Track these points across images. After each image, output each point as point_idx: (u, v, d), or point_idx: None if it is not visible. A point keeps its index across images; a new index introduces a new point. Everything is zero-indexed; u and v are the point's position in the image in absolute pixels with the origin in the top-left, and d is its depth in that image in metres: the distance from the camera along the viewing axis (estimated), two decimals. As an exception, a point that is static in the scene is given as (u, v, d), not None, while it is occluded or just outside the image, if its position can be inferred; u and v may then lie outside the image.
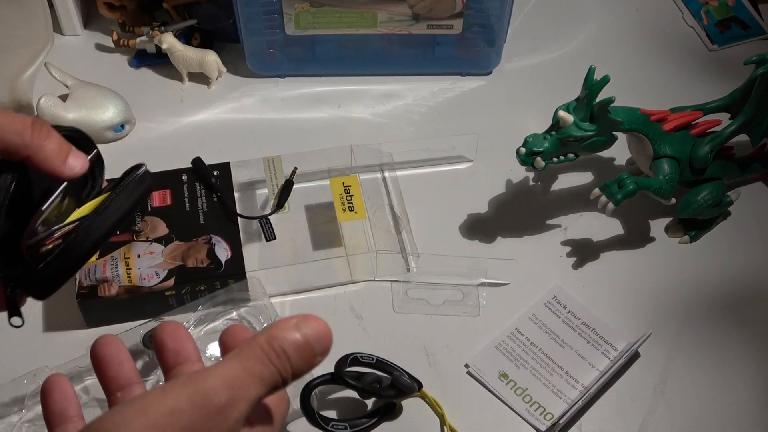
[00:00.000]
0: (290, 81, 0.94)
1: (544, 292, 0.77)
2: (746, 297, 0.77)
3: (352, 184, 0.81)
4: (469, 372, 0.72)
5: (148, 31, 0.92)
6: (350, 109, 0.92)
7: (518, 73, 0.96)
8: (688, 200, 0.78)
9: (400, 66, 0.94)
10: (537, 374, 0.71)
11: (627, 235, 0.81)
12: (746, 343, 0.74)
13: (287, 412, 0.36)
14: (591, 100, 0.72)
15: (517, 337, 0.74)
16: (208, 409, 0.36)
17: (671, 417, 0.69)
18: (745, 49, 0.98)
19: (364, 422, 0.68)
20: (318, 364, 0.39)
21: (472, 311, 0.75)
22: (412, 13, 0.88)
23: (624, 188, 0.72)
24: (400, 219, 0.81)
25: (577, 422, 0.69)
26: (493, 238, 0.81)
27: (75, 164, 0.44)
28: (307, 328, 0.38)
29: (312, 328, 0.38)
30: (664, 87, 0.93)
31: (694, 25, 1.01)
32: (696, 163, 0.76)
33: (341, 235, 0.78)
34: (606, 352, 0.73)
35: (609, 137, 0.74)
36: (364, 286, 0.77)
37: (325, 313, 0.75)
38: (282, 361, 0.38)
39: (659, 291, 0.77)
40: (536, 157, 0.72)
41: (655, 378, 0.71)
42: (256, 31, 0.89)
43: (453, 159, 0.87)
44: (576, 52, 0.98)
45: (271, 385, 0.38)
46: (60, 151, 0.44)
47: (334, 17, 0.88)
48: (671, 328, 0.75)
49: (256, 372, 0.37)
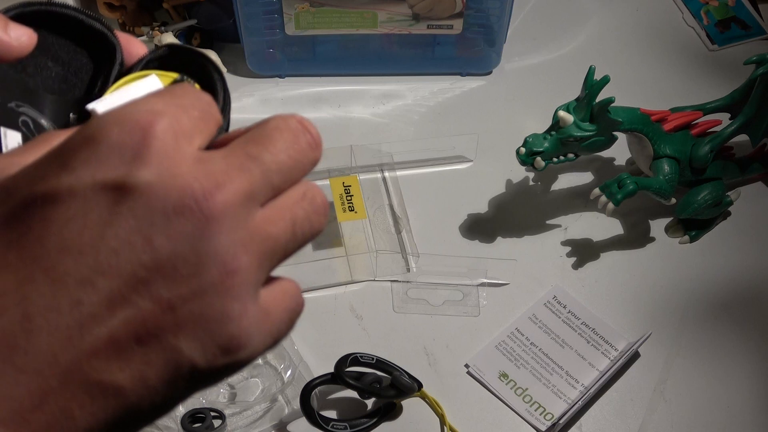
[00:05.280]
0: (290, 81, 0.94)
1: (544, 292, 0.77)
2: (746, 297, 0.77)
3: (352, 184, 0.81)
4: (469, 372, 0.72)
5: (148, 31, 0.91)
6: (350, 109, 0.92)
7: (518, 73, 0.96)
8: (688, 200, 0.77)
9: (400, 66, 0.94)
10: (537, 374, 0.71)
11: (627, 235, 0.81)
12: (746, 343, 0.74)
13: (297, 313, 0.31)
14: (591, 100, 0.72)
15: (517, 337, 0.74)
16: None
17: (671, 417, 0.69)
18: (745, 49, 0.98)
19: (364, 422, 0.68)
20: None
21: (472, 311, 0.75)
22: (412, 13, 0.88)
23: (624, 188, 0.72)
24: (400, 219, 0.81)
25: (577, 422, 0.69)
26: (493, 238, 0.81)
27: (20, 35, 0.32)
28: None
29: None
30: (664, 87, 0.93)
31: (694, 25, 1.01)
32: (696, 163, 0.76)
33: (341, 235, 0.78)
34: (606, 352, 0.73)
35: (609, 137, 0.74)
36: (364, 286, 0.77)
37: (325, 313, 0.75)
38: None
39: (659, 291, 0.77)
40: (536, 157, 0.72)
41: (655, 378, 0.71)
42: (256, 31, 0.89)
43: (453, 159, 0.87)
44: (576, 52, 0.97)
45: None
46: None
47: (334, 17, 0.88)
48: (671, 328, 0.75)
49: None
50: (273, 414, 0.69)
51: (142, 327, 0.26)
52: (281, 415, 0.69)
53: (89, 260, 0.25)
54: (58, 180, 0.26)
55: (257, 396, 0.70)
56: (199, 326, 0.26)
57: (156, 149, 0.26)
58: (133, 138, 0.26)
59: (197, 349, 0.26)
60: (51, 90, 0.35)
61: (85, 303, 0.25)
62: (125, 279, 0.25)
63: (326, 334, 0.74)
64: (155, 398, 0.27)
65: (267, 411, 0.69)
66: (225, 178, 0.27)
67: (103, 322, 0.25)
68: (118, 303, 0.26)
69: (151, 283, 0.26)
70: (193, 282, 0.26)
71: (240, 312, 0.27)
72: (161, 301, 0.26)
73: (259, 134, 0.29)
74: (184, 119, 0.27)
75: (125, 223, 0.25)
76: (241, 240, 0.27)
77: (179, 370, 0.26)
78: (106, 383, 0.26)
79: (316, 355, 0.71)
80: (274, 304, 0.29)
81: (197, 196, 0.26)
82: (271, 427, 0.68)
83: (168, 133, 0.26)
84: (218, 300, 0.26)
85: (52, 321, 0.25)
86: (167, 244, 0.26)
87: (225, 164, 0.27)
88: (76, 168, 0.26)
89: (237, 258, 0.26)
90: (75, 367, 0.25)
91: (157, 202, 0.26)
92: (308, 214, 0.29)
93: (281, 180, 0.28)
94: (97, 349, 0.25)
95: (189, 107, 0.28)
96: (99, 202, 0.26)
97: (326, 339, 0.73)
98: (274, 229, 0.28)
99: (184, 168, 0.26)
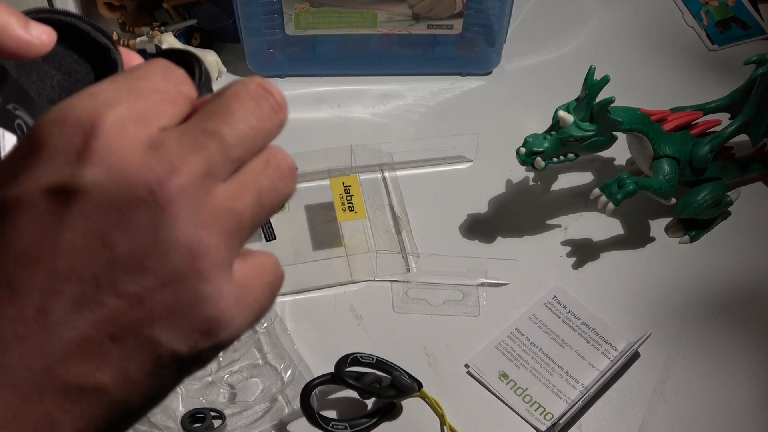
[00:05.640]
0: (290, 81, 0.94)
1: (544, 292, 0.77)
2: (746, 297, 0.77)
3: (352, 184, 0.81)
4: (469, 372, 0.72)
5: (148, 31, 0.91)
6: (350, 109, 0.92)
7: (518, 73, 0.96)
8: (688, 200, 0.77)
9: (400, 66, 0.94)
10: (537, 374, 0.71)
11: (627, 235, 0.81)
12: (746, 343, 0.74)
13: (278, 286, 0.30)
14: (591, 100, 0.72)
15: (517, 337, 0.74)
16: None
17: (671, 417, 0.69)
18: (745, 49, 0.98)
19: (364, 422, 0.68)
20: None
21: (472, 311, 0.75)
22: (412, 13, 0.88)
23: (624, 188, 0.72)
24: (400, 219, 0.81)
25: (577, 422, 0.69)
26: (493, 238, 0.81)
27: (41, 33, 0.31)
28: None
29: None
30: (664, 87, 0.93)
31: (694, 25, 1.01)
32: (696, 163, 0.76)
33: (341, 235, 0.78)
34: (606, 352, 0.73)
35: (609, 137, 0.74)
36: (364, 286, 0.77)
37: (325, 313, 0.75)
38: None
39: (659, 291, 0.77)
40: (536, 157, 0.72)
41: (655, 378, 0.71)
42: (256, 31, 0.89)
43: (453, 159, 0.87)
44: (576, 52, 0.97)
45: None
46: (17, 17, 0.31)
47: (334, 17, 0.88)
48: (671, 328, 0.75)
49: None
50: (273, 414, 0.69)
51: (114, 325, 0.25)
52: (281, 415, 0.69)
53: (47, 267, 0.25)
54: (5, 190, 0.25)
55: (257, 396, 0.70)
56: (173, 314, 0.26)
57: (100, 145, 0.25)
58: (75, 136, 0.25)
59: (175, 337, 0.26)
60: (49, 98, 0.35)
61: (50, 310, 0.25)
62: (87, 281, 0.25)
63: (326, 334, 0.74)
64: (143, 391, 0.26)
65: (267, 411, 0.69)
66: (179, 161, 0.26)
67: (71, 326, 0.25)
68: (84, 305, 0.25)
69: (115, 280, 0.25)
70: (159, 272, 0.25)
71: (214, 293, 0.26)
72: (129, 296, 0.25)
73: (217, 106, 0.28)
74: (140, 103, 0.26)
75: (78, 225, 0.25)
76: (203, 221, 0.26)
77: (161, 360, 0.26)
78: (86, 385, 0.25)
79: (316, 355, 0.71)
80: (250, 279, 0.28)
81: (150, 185, 0.25)
82: (271, 427, 0.68)
83: (114, 124, 0.25)
84: (189, 285, 0.26)
85: (20, 332, 0.25)
86: (125, 240, 0.25)
87: (179, 145, 0.26)
88: (19, 176, 0.25)
89: (201, 240, 0.26)
90: (49, 374, 0.25)
91: (108, 199, 0.25)
92: (274, 182, 0.28)
93: (243, 151, 0.27)
94: (71, 354, 0.25)
95: (148, 91, 0.27)
96: (48, 208, 0.25)
97: (326, 339, 0.73)
98: (238, 204, 0.27)
99: (133, 159, 0.25)
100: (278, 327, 0.72)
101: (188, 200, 0.26)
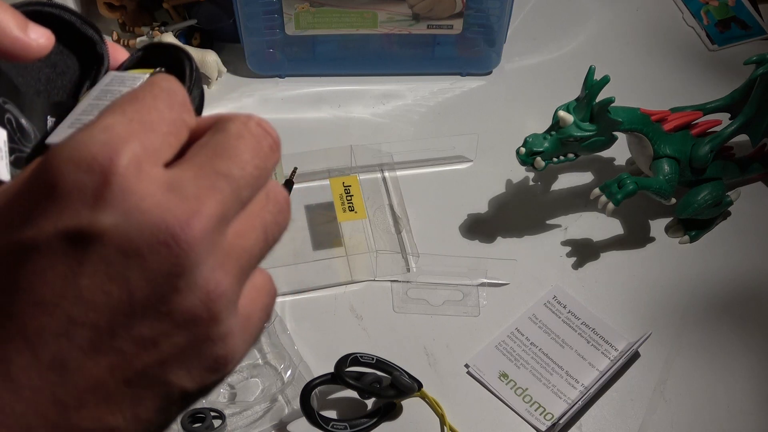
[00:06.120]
0: (290, 81, 0.94)
1: (544, 292, 0.77)
2: (746, 297, 0.77)
3: (352, 184, 0.81)
4: (469, 372, 0.72)
5: (148, 31, 0.92)
6: (350, 109, 0.92)
7: (518, 73, 0.96)
8: (688, 200, 0.77)
9: (400, 66, 0.94)
10: (537, 374, 0.71)
11: (627, 235, 0.81)
12: (746, 343, 0.74)
13: (272, 306, 0.30)
14: (591, 100, 0.72)
15: (517, 337, 0.74)
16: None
17: (671, 417, 0.69)
18: (745, 49, 0.98)
19: (364, 422, 0.68)
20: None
21: (472, 311, 0.75)
22: (412, 13, 0.88)
23: (624, 188, 0.72)
24: (400, 219, 0.81)
25: (577, 422, 0.69)
26: (493, 238, 0.81)
27: (39, 36, 0.31)
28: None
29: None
30: (664, 87, 0.93)
31: (694, 25, 1.01)
32: (696, 163, 0.76)
33: (341, 235, 0.78)
34: (606, 352, 0.73)
35: (609, 137, 0.74)
36: (364, 286, 0.77)
37: (325, 313, 0.75)
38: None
39: (659, 291, 0.77)
40: (536, 157, 0.72)
41: (655, 378, 0.71)
42: (256, 31, 0.89)
43: (453, 159, 0.87)
44: (576, 52, 0.97)
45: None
46: (16, 17, 0.31)
47: (334, 17, 0.88)
48: (671, 328, 0.75)
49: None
50: (273, 414, 0.69)
51: (127, 369, 0.25)
52: (281, 415, 0.69)
53: (64, 312, 0.24)
54: (21, 233, 0.25)
55: (257, 396, 0.70)
56: (185, 356, 0.26)
57: (118, 187, 0.24)
58: (92, 178, 0.24)
59: (185, 376, 0.26)
60: (36, 90, 0.34)
61: (65, 356, 0.25)
62: (103, 327, 0.25)
63: (326, 334, 0.74)
64: (150, 427, 0.26)
65: (267, 411, 0.69)
66: (198, 203, 0.25)
67: (86, 373, 0.25)
68: (100, 352, 0.25)
69: (131, 326, 0.25)
70: (175, 316, 0.25)
71: (226, 333, 0.26)
72: (144, 341, 0.25)
73: (223, 145, 0.27)
74: (151, 138, 0.26)
75: (96, 270, 0.24)
76: (219, 263, 0.26)
77: (170, 398, 0.26)
78: (99, 429, 0.25)
79: (316, 355, 0.71)
80: (252, 306, 0.28)
81: (172, 229, 0.24)
82: (271, 427, 0.68)
83: (131, 164, 0.25)
84: (203, 327, 0.26)
85: (35, 382, 0.25)
86: (144, 284, 0.25)
87: (196, 187, 0.26)
88: (35, 219, 0.25)
89: (219, 283, 0.26)
90: (63, 421, 0.25)
91: (128, 244, 0.24)
92: (275, 216, 0.29)
93: (250, 192, 0.27)
94: (85, 401, 0.25)
95: (157, 122, 0.26)
96: (66, 253, 0.24)
97: (326, 339, 0.73)
98: (246, 241, 0.27)
99: (152, 200, 0.25)
100: (278, 327, 0.72)
101: (207, 243, 0.25)
